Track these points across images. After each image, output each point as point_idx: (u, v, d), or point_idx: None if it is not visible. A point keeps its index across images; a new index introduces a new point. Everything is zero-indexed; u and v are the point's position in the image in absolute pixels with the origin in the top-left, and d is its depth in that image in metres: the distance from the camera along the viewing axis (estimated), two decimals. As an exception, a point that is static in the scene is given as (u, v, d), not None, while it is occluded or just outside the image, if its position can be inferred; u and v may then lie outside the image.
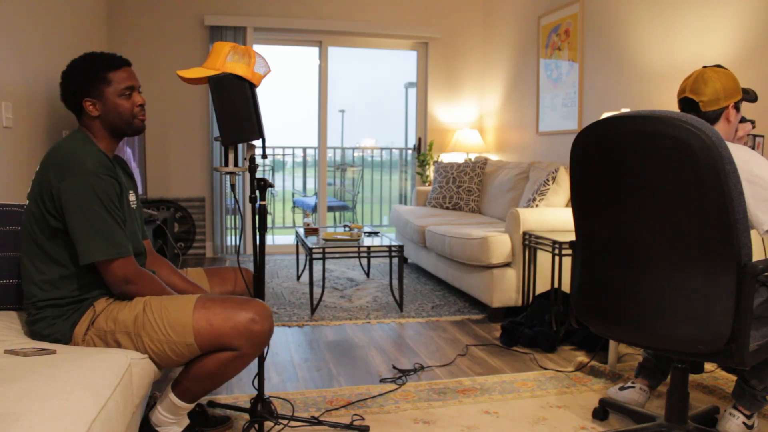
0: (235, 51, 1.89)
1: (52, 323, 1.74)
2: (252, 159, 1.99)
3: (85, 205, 1.68)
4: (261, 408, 2.03)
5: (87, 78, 1.82)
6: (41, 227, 1.74)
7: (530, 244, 3.43)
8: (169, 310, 1.75)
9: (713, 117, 1.95)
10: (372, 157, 8.38)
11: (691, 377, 2.59)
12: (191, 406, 1.87)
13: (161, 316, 1.74)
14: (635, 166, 1.66)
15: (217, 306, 1.77)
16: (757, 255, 1.96)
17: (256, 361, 2.11)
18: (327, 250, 3.69)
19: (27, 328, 1.80)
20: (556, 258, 3.16)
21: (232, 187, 1.94)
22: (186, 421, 1.91)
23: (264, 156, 2.00)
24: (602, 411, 2.24)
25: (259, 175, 2.01)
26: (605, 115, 2.81)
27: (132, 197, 1.98)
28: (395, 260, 3.87)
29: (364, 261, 5.05)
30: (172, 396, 1.83)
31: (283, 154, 7.45)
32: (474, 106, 6.14)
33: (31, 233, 1.76)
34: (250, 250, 5.63)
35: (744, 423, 2.00)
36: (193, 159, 5.52)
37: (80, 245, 1.69)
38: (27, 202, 1.80)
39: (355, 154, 8.12)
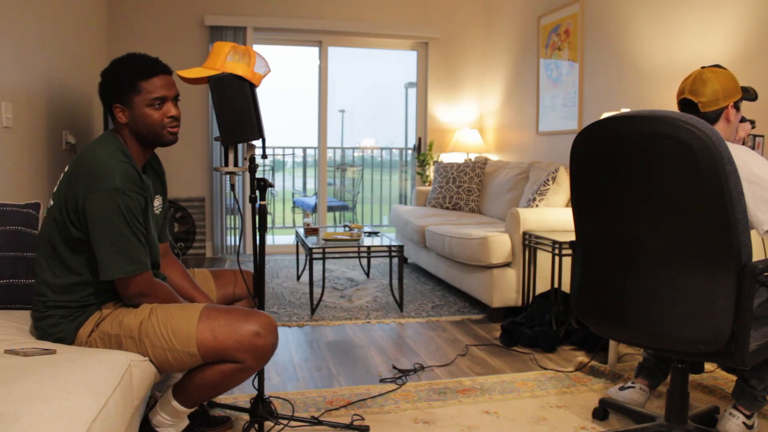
0: (235, 51, 1.89)
1: (59, 323, 1.74)
2: (252, 159, 1.99)
3: (110, 221, 1.66)
4: (261, 408, 2.03)
5: (118, 83, 1.77)
6: (61, 234, 1.72)
7: (530, 244, 3.43)
8: (174, 318, 1.74)
9: (713, 117, 1.95)
10: (372, 157, 8.38)
11: (691, 377, 2.58)
12: (191, 410, 1.88)
13: (165, 323, 1.73)
14: (635, 166, 1.66)
15: (221, 317, 1.75)
16: (757, 255, 1.96)
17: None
18: (327, 250, 3.69)
19: (32, 323, 1.80)
20: (556, 258, 3.16)
21: (232, 187, 1.93)
22: (186, 422, 1.91)
23: (264, 156, 2.00)
24: (602, 411, 2.24)
25: (259, 175, 2.01)
26: (605, 115, 2.81)
27: (157, 202, 1.95)
28: (395, 260, 3.87)
29: (364, 261, 5.05)
30: (172, 400, 1.83)
31: (283, 154, 7.46)
32: (474, 106, 6.14)
33: (49, 236, 1.75)
34: (250, 250, 5.63)
35: (744, 423, 2.00)
36: (193, 159, 5.52)
37: (101, 261, 1.68)
38: (51, 201, 1.78)
39: (355, 154, 8.12)
